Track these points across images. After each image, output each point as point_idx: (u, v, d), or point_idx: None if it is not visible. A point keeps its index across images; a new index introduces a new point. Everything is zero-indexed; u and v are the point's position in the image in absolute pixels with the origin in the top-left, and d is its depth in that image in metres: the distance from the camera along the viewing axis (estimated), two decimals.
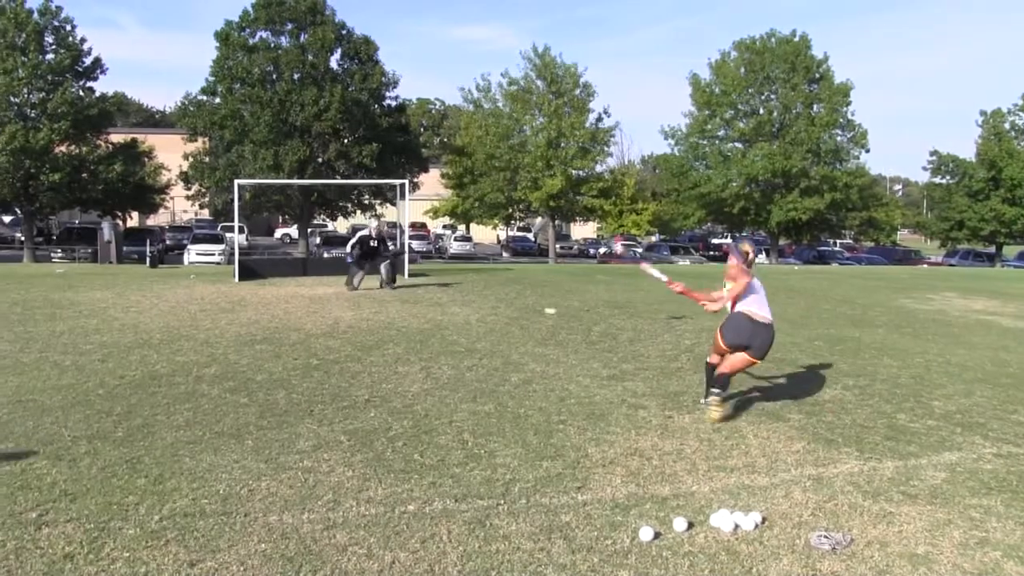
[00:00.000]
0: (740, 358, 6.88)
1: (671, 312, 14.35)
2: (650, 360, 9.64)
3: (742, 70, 46.39)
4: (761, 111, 46.56)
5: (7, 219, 51.96)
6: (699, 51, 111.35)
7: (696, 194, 47.09)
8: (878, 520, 4.70)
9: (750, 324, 6.79)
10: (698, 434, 6.40)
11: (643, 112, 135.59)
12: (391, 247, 19.70)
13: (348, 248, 18.98)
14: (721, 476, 5.42)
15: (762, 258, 48.74)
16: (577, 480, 5.29)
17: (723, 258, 52.86)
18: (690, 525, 4.54)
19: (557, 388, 7.99)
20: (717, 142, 48.02)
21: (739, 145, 47.43)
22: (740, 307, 6.89)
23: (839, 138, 46.36)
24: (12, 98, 35.80)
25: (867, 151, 47.30)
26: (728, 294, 7.04)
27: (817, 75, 45.84)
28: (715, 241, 66.13)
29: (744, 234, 51.98)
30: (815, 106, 45.75)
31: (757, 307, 6.85)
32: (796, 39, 45.68)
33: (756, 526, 4.54)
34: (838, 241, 63.29)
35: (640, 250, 51.80)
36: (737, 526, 4.51)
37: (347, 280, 18.17)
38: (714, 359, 7.21)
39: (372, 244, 18.60)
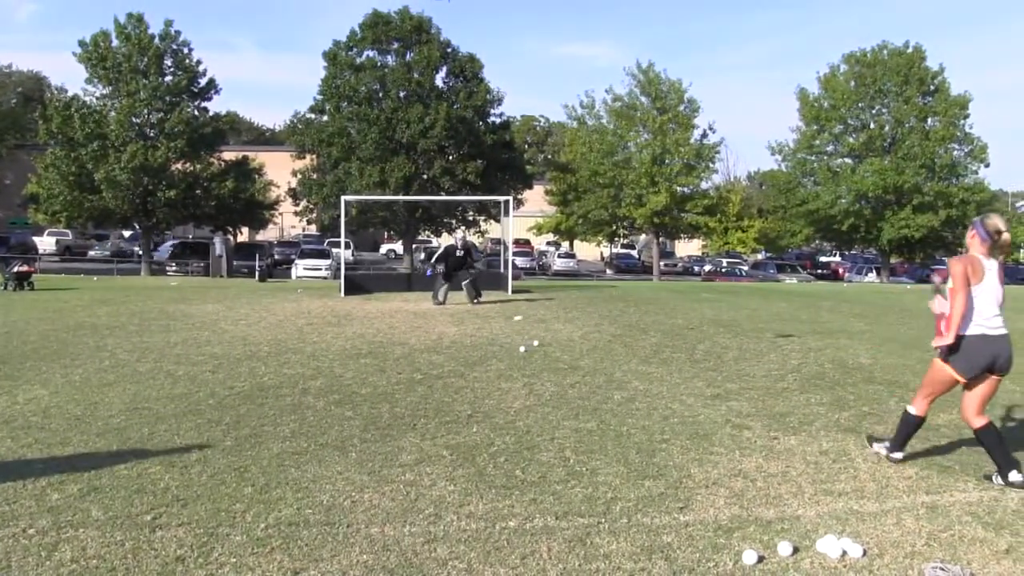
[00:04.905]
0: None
1: (777, 331, 14.05)
2: (755, 380, 9.44)
3: (852, 83, 45.16)
4: (872, 125, 45.28)
5: (127, 234, 54.51)
6: (808, 65, 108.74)
7: (804, 211, 46.05)
8: (1002, 555, 4.43)
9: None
10: (804, 456, 6.23)
11: (750, 128, 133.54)
12: (476, 260, 19.79)
13: (432, 260, 19.21)
14: (828, 500, 5.25)
15: (872, 276, 47.25)
16: (679, 500, 5.21)
17: (831, 277, 51.63)
18: (795, 550, 4.41)
19: (660, 407, 7.89)
20: (826, 158, 46.90)
21: (849, 160, 46.16)
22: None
23: (956, 152, 44.63)
24: (134, 118, 37.63)
25: (987, 166, 45.37)
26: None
27: (932, 87, 44.31)
28: (823, 259, 64.53)
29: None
30: (929, 119, 44.21)
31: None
32: (909, 51, 44.26)
33: (865, 553, 4.38)
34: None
35: (745, 268, 50.89)
36: (845, 552, 4.36)
37: (433, 295, 18.30)
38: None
39: (459, 255, 18.69)
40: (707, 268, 53.07)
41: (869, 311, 18.91)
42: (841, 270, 54.69)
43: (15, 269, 22.31)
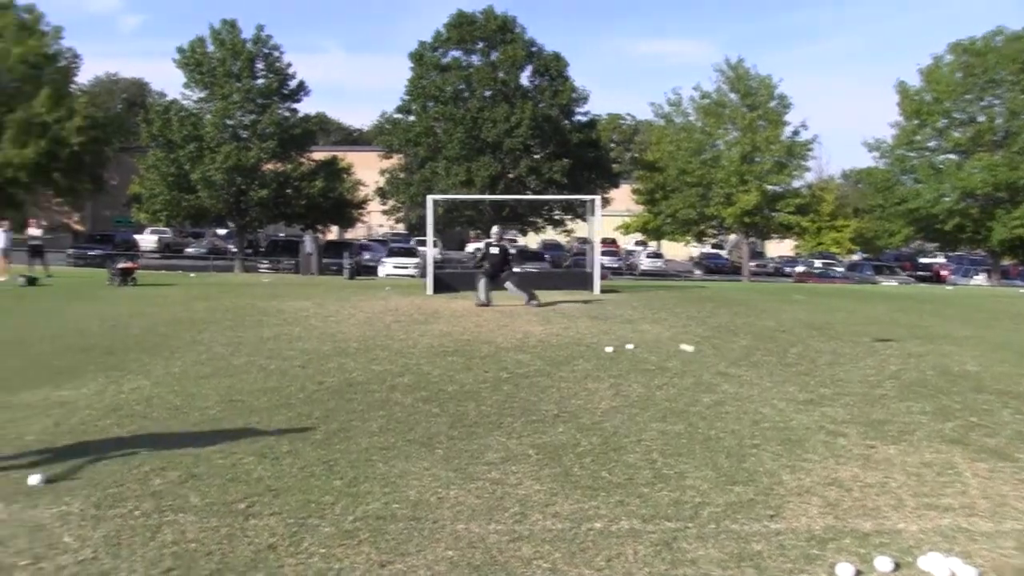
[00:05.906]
0: None
1: (875, 335, 13.58)
2: (851, 385, 9.12)
3: (958, 75, 42.53)
4: (981, 118, 42.76)
5: (221, 232, 56.32)
6: (906, 57, 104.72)
7: (903, 210, 44.03)
8: None
9: None
10: (905, 467, 5.96)
11: (844, 124, 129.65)
12: (511, 258, 18.66)
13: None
14: (933, 515, 4.98)
15: (980, 279, 45.35)
16: (770, 508, 5.06)
17: (933, 279, 49.80)
18: (896, 566, 4.20)
19: (750, 411, 7.70)
20: (928, 154, 44.85)
21: (953, 156, 43.96)
22: None
23: None
24: (227, 121, 38.77)
25: None
26: None
27: None
28: (924, 260, 62.34)
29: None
30: None
31: None
32: None
33: None
34: None
35: (840, 269, 49.57)
36: (954, 574, 4.08)
37: (475, 295, 17.55)
38: None
39: (492, 252, 17.98)
40: (799, 269, 51.82)
41: (976, 316, 18.09)
42: (944, 272, 52.67)
43: (120, 265, 23.24)
